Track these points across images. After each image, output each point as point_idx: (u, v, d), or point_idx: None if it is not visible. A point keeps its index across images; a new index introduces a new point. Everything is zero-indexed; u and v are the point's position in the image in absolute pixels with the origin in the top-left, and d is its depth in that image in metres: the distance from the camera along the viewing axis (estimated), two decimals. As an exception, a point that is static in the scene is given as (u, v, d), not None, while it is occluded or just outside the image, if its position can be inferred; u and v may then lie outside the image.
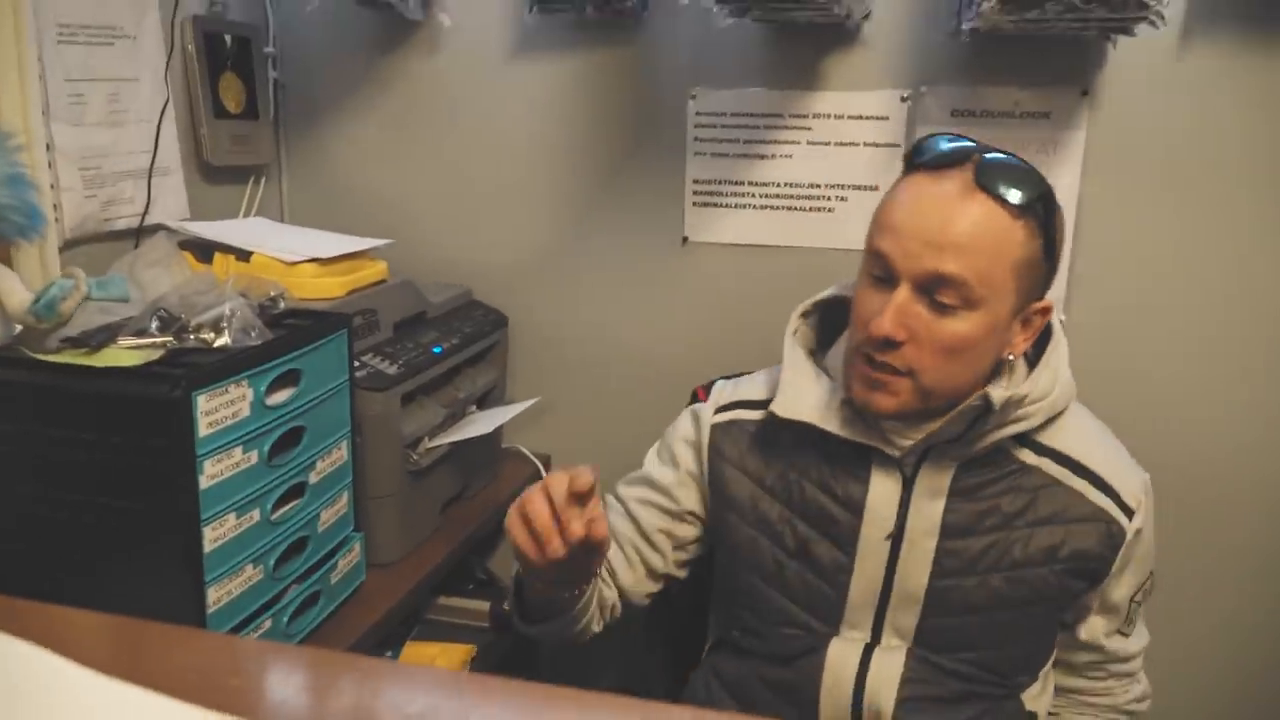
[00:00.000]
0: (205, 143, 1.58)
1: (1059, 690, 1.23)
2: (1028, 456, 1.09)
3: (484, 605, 1.61)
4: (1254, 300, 1.47)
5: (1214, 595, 1.56)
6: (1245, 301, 1.47)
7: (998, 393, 1.02)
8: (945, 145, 1.04)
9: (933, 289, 0.99)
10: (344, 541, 1.27)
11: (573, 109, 1.67)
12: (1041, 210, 1.01)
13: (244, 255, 1.36)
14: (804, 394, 1.12)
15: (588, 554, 0.95)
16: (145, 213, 1.47)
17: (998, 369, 1.09)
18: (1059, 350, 1.10)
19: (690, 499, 1.22)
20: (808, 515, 1.12)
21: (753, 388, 1.22)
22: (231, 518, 1.04)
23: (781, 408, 1.11)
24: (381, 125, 1.76)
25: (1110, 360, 1.51)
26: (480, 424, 1.49)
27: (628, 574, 1.22)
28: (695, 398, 1.43)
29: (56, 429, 0.99)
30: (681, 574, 1.26)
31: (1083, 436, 1.12)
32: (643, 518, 1.21)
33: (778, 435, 1.15)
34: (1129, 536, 1.09)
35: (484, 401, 1.62)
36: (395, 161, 1.76)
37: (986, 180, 0.99)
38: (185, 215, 1.55)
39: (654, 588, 1.24)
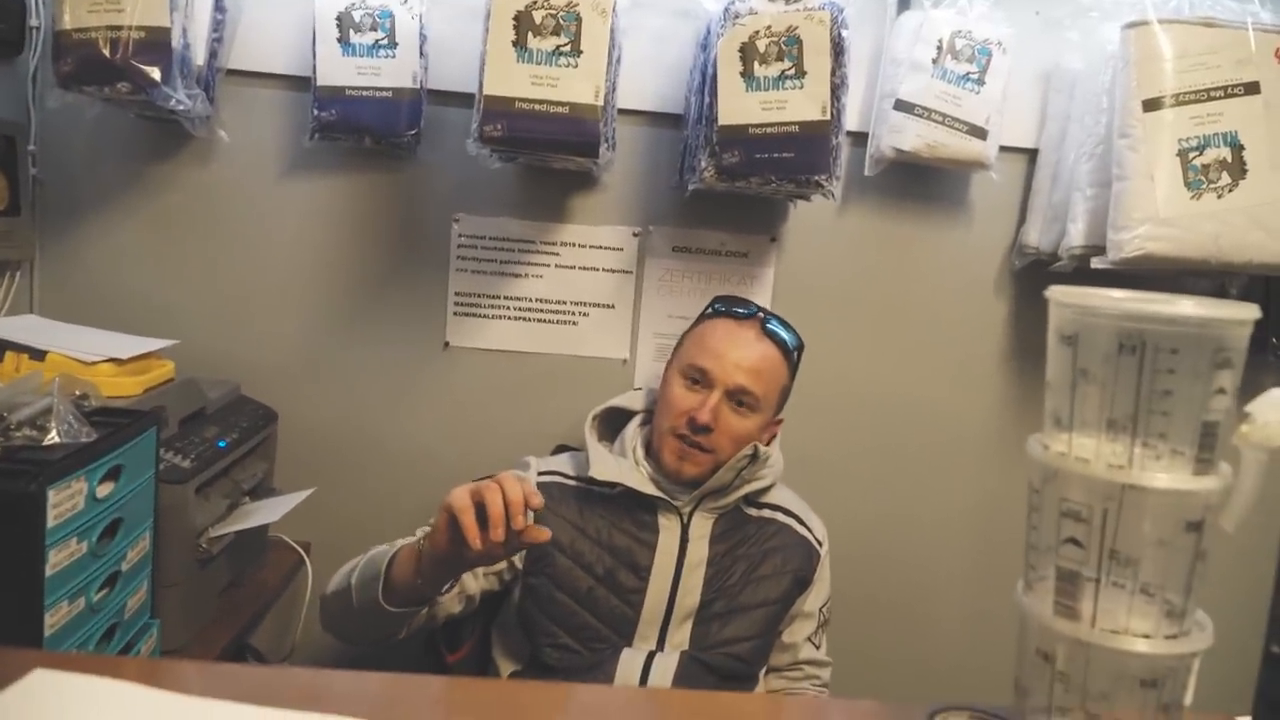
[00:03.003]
0: (-31, 238, 1.59)
1: (771, 694, 1.58)
2: (754, 512, 1.58)
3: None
4: (897, 397, 1.94)
5: (857, 630, 1.99)
6: (892, 398, 1.94)
7: (762, 449, 1.51)
8: (739, 304, 1.57)
9: (736, 396, 1.48)
10: (144, 628, 1.34)
11: (345, 224, 1.84)
12: (796, 356, 1.58)
13: (38, 354, 1.40)
14: (609, 465, 1.52)
15: (508, 551, 1.16)
16: (-94, 307, 1.46)
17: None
18: (778, 442, 1.59)
19: None
20: (614, 550, 1.48)
21: (561, 464, 1.59)
22: (65, 604, 1.11)
23: (599, 472, 1.50)
24: (147, 227, 1.82)
25: (798, 448, 1.90)
26: (264, 513, 1.59)
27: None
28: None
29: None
30: (475, 603, 1.50)
31: (787, 496, 1.63)
32: None
33: (590, 495, 1.52)
34: (821, 557, 1.60)
35: (255, 492, 1.71)
36: (160, 262, 1.83)
37: (770, 332, 1.53)
38: (-55, 309, 1.54)
39: (457, 609, 1.47)
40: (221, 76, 1.73)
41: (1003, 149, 1.78)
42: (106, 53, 1.40)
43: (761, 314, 1.55)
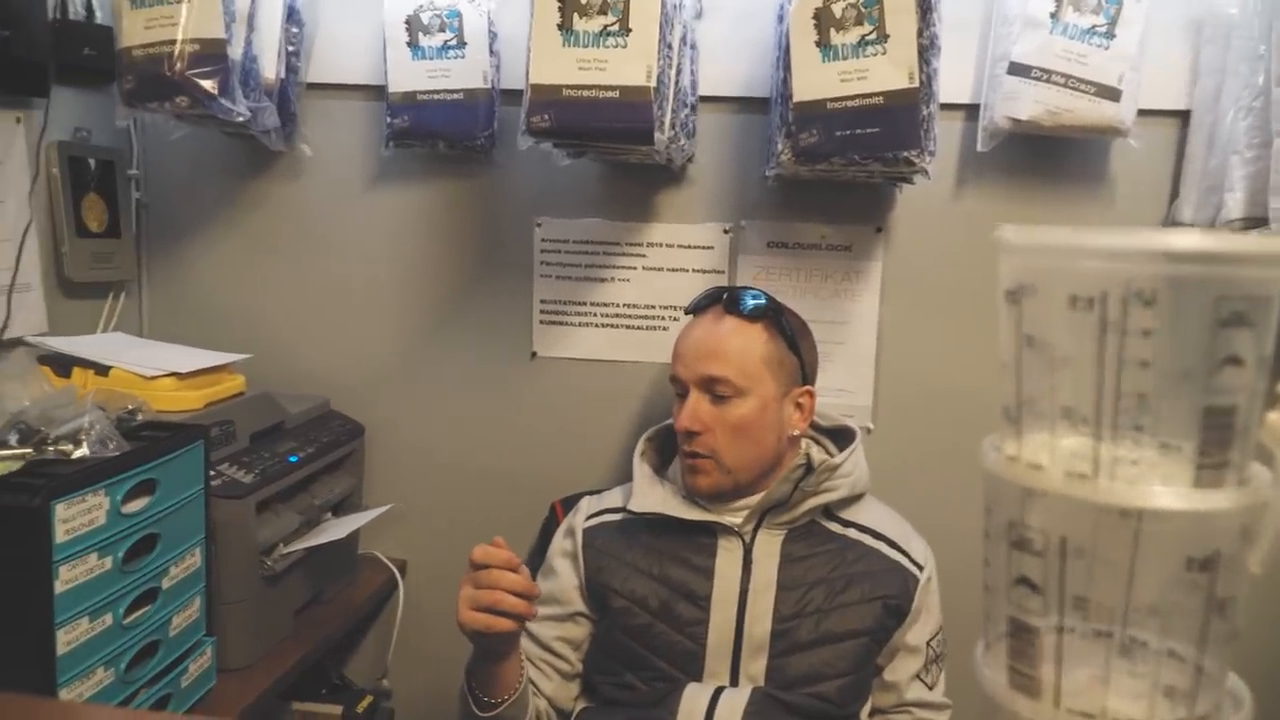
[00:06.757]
0: (66, 260, 1.64)
1: None
2: (835, 528, 1.39)
3: (337, 710, 1.64)
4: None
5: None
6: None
7: (817, 455, 1.39)
8: (702, 298, 1.44)
9: (710, 387, 1.34)
10: (195, 645, 1.31)
11: (427, 233, 1.80)
12: (772, 316, 1.37)
13: (103, 369, 1.41)
14: (651, 494, 1.41)
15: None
16: (4, 327, 1.51)
17: (791, 448, 1.41)
18: (858, 447, 1.41)
19: (575, 601, 1.41)
20: (669, 583, 1.35)
21: (611, 498, 1.48)
22: (85, 621, 1.09)
23: (636, 505, 1.40)
24: (242, 245, 1.84)
25: (906, 460, 1.69)
26: (334, 530, 1.55)
27: (546, 683, 1.38)
28: (553, 511, 1.63)
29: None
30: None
31: (877, 513, 1.43)
32: (539, 632, 1.40)
33: (638, 527, 1.40)
34: (922, 583, 1.38)
35: (340, 508, 1.69)
36: (255, 279, 1.84)
37: (729, 305, 1.38)
38: (44, 330, 1.59)
39: (575, 690, 1.41)
40: (302, 90, 1.73)
41: (1144, 112, 1.52)
42: (163, 68, 1.40)
43: (724, 295, 1.40)
